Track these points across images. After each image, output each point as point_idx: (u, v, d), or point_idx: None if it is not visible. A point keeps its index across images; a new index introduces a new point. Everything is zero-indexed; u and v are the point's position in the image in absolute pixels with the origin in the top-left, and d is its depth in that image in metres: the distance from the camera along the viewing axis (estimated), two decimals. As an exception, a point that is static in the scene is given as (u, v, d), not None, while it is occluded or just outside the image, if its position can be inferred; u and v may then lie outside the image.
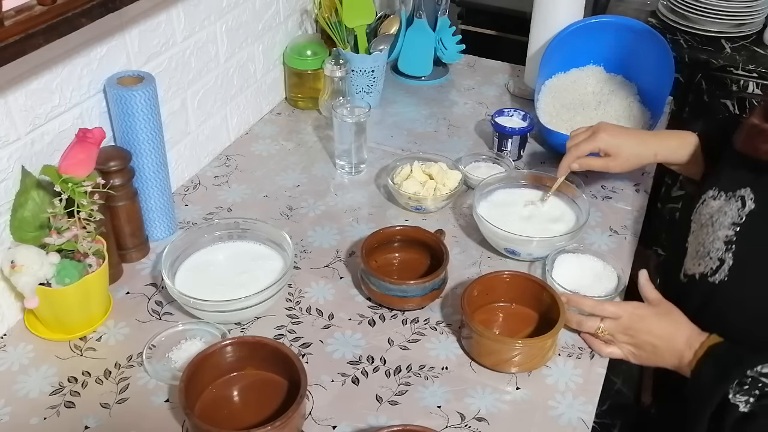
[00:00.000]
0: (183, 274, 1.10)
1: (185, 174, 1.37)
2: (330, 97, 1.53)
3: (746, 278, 0.94)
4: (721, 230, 0.98)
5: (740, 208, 0.96)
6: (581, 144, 1.21)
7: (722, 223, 0.98)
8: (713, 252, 0.98)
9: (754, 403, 0.86)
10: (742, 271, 0.95)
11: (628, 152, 1.19)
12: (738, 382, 0.87)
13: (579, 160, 1.21)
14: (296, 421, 0.88)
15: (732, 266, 0.95)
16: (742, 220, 0.96)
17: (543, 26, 1.59)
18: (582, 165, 1.22)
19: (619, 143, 1.18)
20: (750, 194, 0.96)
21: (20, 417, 0.93)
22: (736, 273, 0.95)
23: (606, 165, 1.20)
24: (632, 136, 1.20)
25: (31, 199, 0.99)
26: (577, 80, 1.56)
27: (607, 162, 1.20)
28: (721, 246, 0.97)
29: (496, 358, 1.00)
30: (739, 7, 1.99)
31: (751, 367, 0.87)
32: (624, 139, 1.19)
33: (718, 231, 0.98)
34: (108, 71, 1.11)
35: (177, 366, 0.99)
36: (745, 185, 0.97)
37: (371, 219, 1.30)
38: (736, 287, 0.95)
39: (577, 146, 1.21)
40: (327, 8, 1.54)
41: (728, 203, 0.99)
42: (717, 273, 0.97)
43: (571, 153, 1.22)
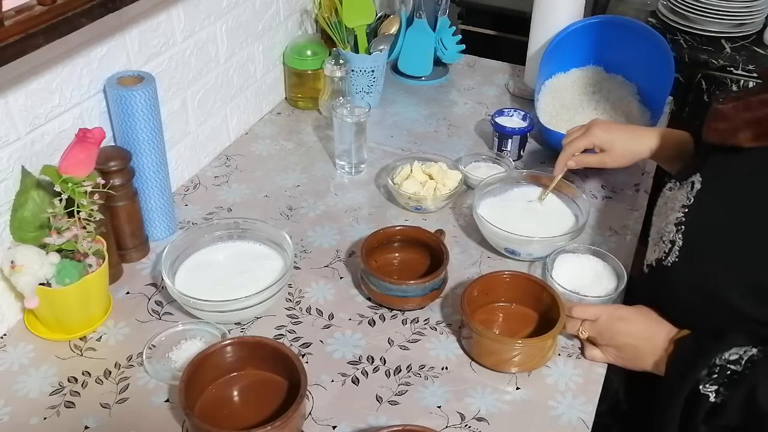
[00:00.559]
0: (183, 274, 1.10)
1: (185, 174, 1.37)
2: (330, 97, 1.53)
3: (695, 255, 0.94)
4: (672, 213, 0.99)
5: (689, 191, 0.97)
6: (575, 141, 1.21)
7: (673, 207, 0.99)
8: (665, 236, 0.99)
9: (723, 392, 0.85)
10: (690, 250, 0.94)
11: (621, 147, 1.19)
12: (707, 372, 0.87)
13: (574, 157, 1.22)
14: (296, 421, 0.88)
15: (682, 246, 0.95)
16: (691, 201, 0.96)
17: (543, 26, 1.59)
18: (578, 162, 1.23)
19: (612, 138, 1.19)
20: (699, 177, 0.97)
21: (20, 417, 0.93)
22: (686, 252, 0.95)
23: (601, 160, 1.21)
24: (626, 131, 1.21)
25: (31, 199, 0.99)
26: (577, 80, 1.56)
27: (602, 157, 1.20)
28: (672, 228, 0.97)
29: (496, 358, 1.00)
30: (739, 7, 1.99)
31: (717, 355, 0.87)
32: (617, 134, 1.19)
33: (670, 215, 0.99)
34: (108, 71, 1.11)
35: (177, 366, 0.99)
36: (695, 171, 0.98)
37: (371, 219, 1.30)
38: (686, 267, 0.95)
39: (571, 143, 1.22)
40: (327, 8, 1.54)
41: (681, 190, 1.00)
42: (669, 255, 0.97)
43: (566, 150, 1.22)
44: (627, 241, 1.26)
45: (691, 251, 0.94)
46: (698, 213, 0.95)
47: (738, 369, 0.85)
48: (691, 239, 0.95)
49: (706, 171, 0.97)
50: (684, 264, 0.95)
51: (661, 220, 1.02)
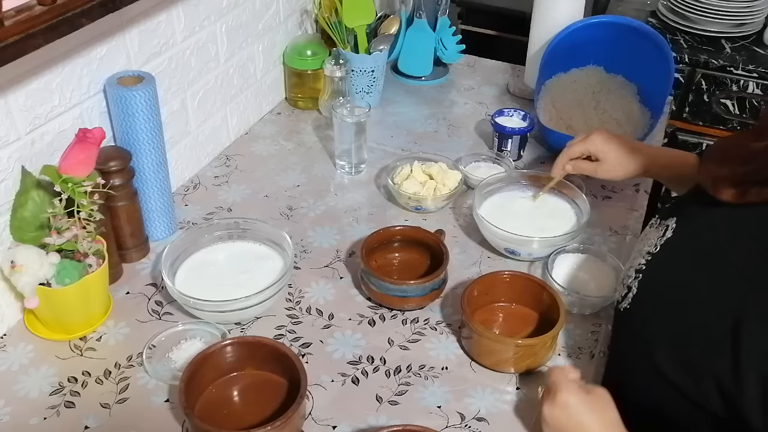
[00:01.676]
0: (183, 274, 1.10)
1: (185, 174, 1.37)
2: (330, 97, 1.53)
3: (643, 309, 0.88)
4: (637, 258, 0.94)
5: (659, 237, 0.91)
6: (574, 146, 1.21)
7: (641, 250, 0.94)
8: (626, 279, 0.94)
9: None
10: (640, 302, 0.89)
11: (614, 160, 1.17)
12: None
13: (571, 161, 1.22)
14: (296, 421, 0.88)
15: (635, 295, 0.90)
16: (656, 250, 0.91)
17: (543, 26, 1.59)
18: (575, 167, 1.22)
19: (607, 149, 1.17)
20: (673, 223, 0.91)
21: (20, 417, 0.93)
22: (636, 303, 0.90)
23: (594, 169, 1.20)
24: (623, 145, 1.17)
25: (31, 199, 0.99)
26: (577, 80, 1.56)
27: (595, 167, 1.19)
28: (633, 273, 0.92)
29: (496, 358, 1.00)
30: (739, 7, 1.99)
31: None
32: (614, 146, 1.17)
33: (635, 259, 0.94)
34: (108, 71, 1.11)
35: (177, 366, 0.99)
36: (673, 214, 0.92)
37: (371, 219, 1.30)
38: (631, 318, 0.90)
39: (569, 147, 1.22)
40: (327, 8, 1.54)
41: (655, 232, 0.94)
42: (623, 300, 0.92)
43: (564, 153, 1.22)
44: (627, 241, 1.26)
45: (642, 304, 0.89)
46: (658, 266, 0.89)
47: None
48: (646, 292, 0.89)
49: (681, 218, 0.91)
50: (635, 314, 0.90)
51: (630, 261, 0.97)
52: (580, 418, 0.84)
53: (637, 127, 1.47)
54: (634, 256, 0.95)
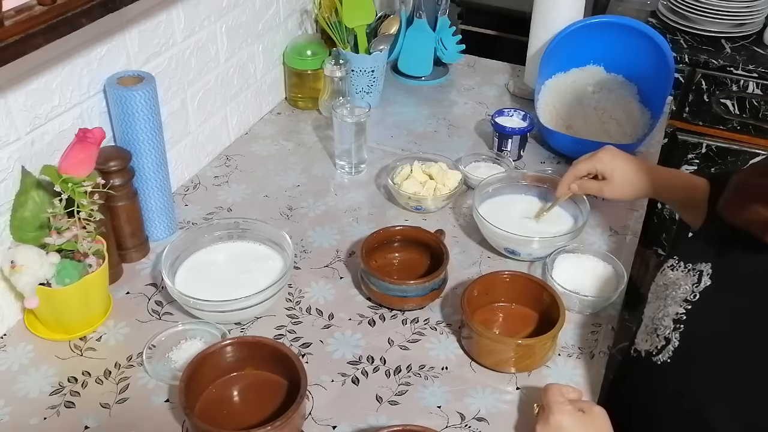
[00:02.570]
0: (183, 274, 1.10)
1: (185, 174, 1.37)
2: (330, 97, 1.53)
3: (689, 364, 0.84)
4: (672, 306, 0.88)
5: (696, 284, 0.86)
6: (580, 163, 1.17)
7: (674, 297, 0.88)
8: (661, 329, 0.88)
9: None
10: (685, 356, 0.84)
11: (621, 178, 1.12)
12: None
13: (578, 181, 1.17)
14: (296, 421, 0.88)
15: (677, 348, 0.85)
16: (695, 298, 0.85)
17: (543, 26, 1.59)
18: (580, 187, 1.18)
19: (614, 167, 1.12)
20: (708, 270, 0.86)
21: (20, 417, 0.93)
22: (679, 356, 0.85)
23: (600, 189, 1.15)
24: (631, 164, 1.13)
25: (31, 199, 0.99)
26: (577, 80, 1.56)
27: (602, 186, 1.14)
28: (670, 323, 0.87)
29: (496, 358, 1.00)
30: (739, 7, 1.99)
31: None
32: (621, 164, 1.12)
33: (669, 306, 0.88)
34: (108, 71, 1.11)
35: (177, 366, 0.99)
36: (707, 260, 0.87)
37: (371, 219, 1.30)
38: (677, 372, 0.85)
39: (576, 165, 1.17)
40: (327, 8, 1.54)
41: (686, 276, 0.88)
42: (661, 353, 0.87)
43: (570, 172, 1.18)
44: (627, 241, 1.26)
45: (686, 358, 0.84)
46: (702, 317, 0.84)
47: None
48: (689, 345, 0.84)
49: (718, 264, 0.85)
50: (675, 369, 0.85)
51: (658, 307, 0.91)
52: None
53: (637, 127, 1.47)
54: (667, 303, 0.89)
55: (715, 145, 2.03)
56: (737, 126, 1.99)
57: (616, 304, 1.12)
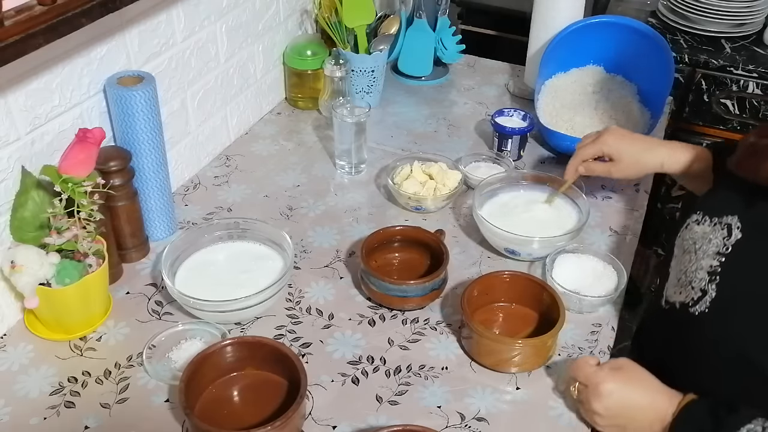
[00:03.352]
0: (183, 274, 1.10)
1: (185, 174, 1.37)
2: (330, 97, 1.53)
3: (728, 312, 0.89)
4: (705, 259, 0.92)
5: (726, 237, 0.91)
6: (586, 147, 1.19)
7: (706, 251, 0.93)
8: (696, 281, 0.93)
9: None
10: (724, 305, 0.89)
11: (630, 158, 1.15)
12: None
13: (584, 164, 1.20)
14: (296, 421, 0.88)
15: (714, 298, 0.90)
16: (728, 251, 0.90)
17: (543, 26, 1.59)
18: (587, 169, 1.20)
19: (622, 148, 1.15)
20: (737, 223, 0.91)
21: (20, 417, 0.93)
22: (718, 306, 0.89)
23: (608, 170, 1.18)
24: (638, 142, 1.16)
25: (31, 199, 0.99)
26: (577, 80, 1.56)
27: (609, 167, 1.17)
28: (705, 276, 0.91)
29: (496, 358, 1.00)
30: (739, 7, 1.99)
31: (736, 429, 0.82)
32: (629, 144, 1.16)
33: (702, 260, 0.93)
34: (108, 71, 1.11)
35: (177, 366, 0.99)
36: (733, 213, 0.92)
37: (371, 219, 1.30)
38: (716, 321, 0.90)
39: (581, 149, 1.20)
40: (327, 8, 1.54)
41: (713, 230, 0.93)
42: (698, 304, 0.91)
43: (576, 156, 1.21)
44: (627, 241, 1.26)
45: (725, 306, 0.89)
46: (737, 267, 0.89)
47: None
48: (727, 294, 0.89)
49: (746, 217, 0.90)
50: (715, 317, 0.90)
51: (689, 260, 0.96)
52: (629, 397, 0.89)
53: (637, 127, 1.47)
54: (699, 257, 0.93)
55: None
56: (737, 126, 1.99)
57: (616, 304, 1.12)
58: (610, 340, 1.07)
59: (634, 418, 0.89)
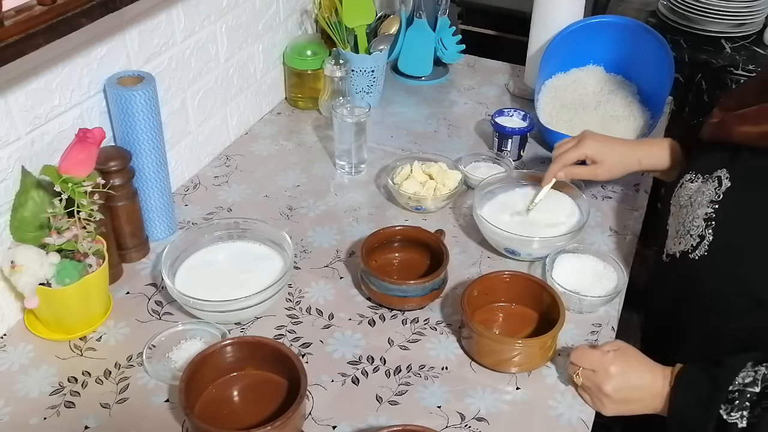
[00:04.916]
0: (183, 274, 1.10)
1: (185, 174, 1.37)
2: (330, 97, 1.53)
3: (726, 252, 0.95)
4: (700, 208, 0.99)
5: (717, 187, 0.98)
6: (567, 152, 1.20)
7: (701, 202, 0.99)
8: (693, 230, 0.99)
9: (749, 416, 0.85)
10: (722, 246, 0.95)
11: (613, 159, 1.19)
12: (726, 400, 0.86)
13: (565, 169, 1.21)
14: (296, 421, 0.88)
15: (712, 241, 0.96)
16: (720, 198, 0.97)
17: (543, 26, 1.59)
18: (568, 174, 1.21)
19: (604, 150, 1.19)
20: (725, 173, 0.98)
21: (20, 417, 0.93)
22: (716, 248, 0.95)
23: (593, 172, 1.20)
24: (616, 144, 1.21)
25: (31, 199, 0.99)
26: (577, 80, 1.56)
27: (594, 169, 1.20)
28: (701, 223, 0.98)
29: (496, 358, 1.00)
30: (739, 7, 1.99)
31: (730, 382, 0.86)
32: (609, 146, 1.20)
33: (698, 209, 0.99)
34: (108, 71, 1.11)
35: (177, 366, 0.99)
36: (721, 166, 0.99)
37: (371, 219, 1.30)
38: (716, 262, 0.95)
39: (563, 155, 1.20)
40: (327, 8, 1.54)
41: (705, 184, 1.00)
42: (697, 249, 0.97)
43: (557, 162, 1.21)
44: (627, 241, 1.26)
45: (722, 247, 0.95)
46: (730, 210, 0.95)
47: (757, 390, 0.85)
48: (723, 235, 0.95)
49: (734, 168, 0.97)
50: (714, 259, 0.96)
51: (686, 213, 1.02)
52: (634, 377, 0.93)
53: (637, 128, 1.47)
54: (694, 208, 1.00)
55: (715, 145, 2.03)
56: (737, 126, 1.99)
57: (616, 304, 1.12)
58: (610, 339, 1.07)
59: (638, 397, 0.93)
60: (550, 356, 1.02)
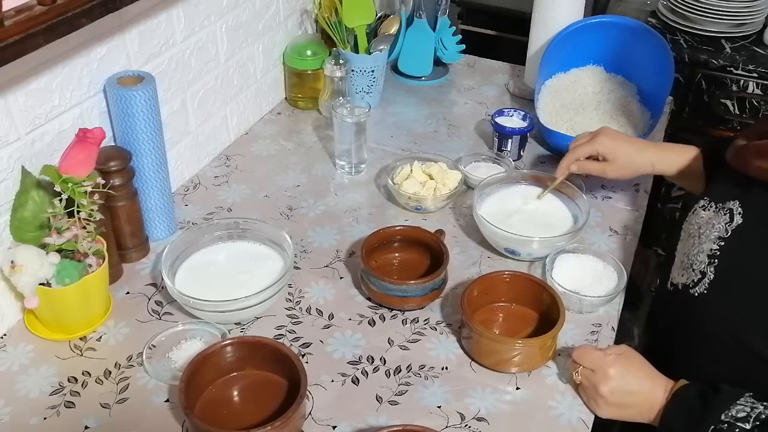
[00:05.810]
0: (183, 274, 1.10)
1: (185, 174, 1.37)
2: (330, 97, 1.53)
3: (724, 294, 0.93)
4: (706, 243, 0.97)
5: (728, 222, 0.96)
6: (581, 146, 1.22)
7: (708, 235, 0.97)
8: (696, 264, 0.97)
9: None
10: (721, 287, 0.93)
11: (624, 158, 1.19)
12: (714, 429, 0.85)
13: (578, 162, 1.22)
14: (296, 421, 0.88)
15: (712, 280, 0.94)
16: (728, 235, 0.95)
17: (543, 26, 1.59)
18: (580, 168, 1.23)
19: (616, 148, 1.19)
20: (738, 208, 0.95)
21: (20, 417, 0.93)
22: (716, 288, 0.94)
23: (602, 169, 1.21)
24: (631, 144, 1.20)
25: (31, 199, 0.99)
26: (577, 80, 1.56)
27: (604, 167, 1.21)
28: (705, 259, 0.96)
29: (496, 358, 1.00)
30: (739, 7, 1.99)
31: (724, 411, 0.85)
32: (622, 145, 1.19)
33: (704, 243, 0.97)
34: (108, 71, 1.11)
35: (177, 366, 0.99)
36: (734, 198, 0.97)
37: (371, 219, 1.30)
38: (712, 302, 0.94)
39: (576, 148, 1.22)
40: (327, 8, 1.54)
41: (717, 215, 0.98)
42: (698, 285, 0.96)
43: (570, 154, 1.23)
44: (627, 241, 1.26)
45: (721, 288, 0.94)
46: (735, 252, 0.94)
47: (747, 427, 0.84)
48: (724, 276, 0.94)
49: (746, 203, 0.95)
50: (712, 298, 0.94)
51: (692, 244, 1.00)
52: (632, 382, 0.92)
53: (637, 128, 1.47)
54: (701, 241, 0.98)
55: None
56: (737, 126, 1.99)
57: (616, 304, 1.12)
58: (610, 340, 1.07)
59: (634, 403, 0.93)
60: (550, 356, 1.02)
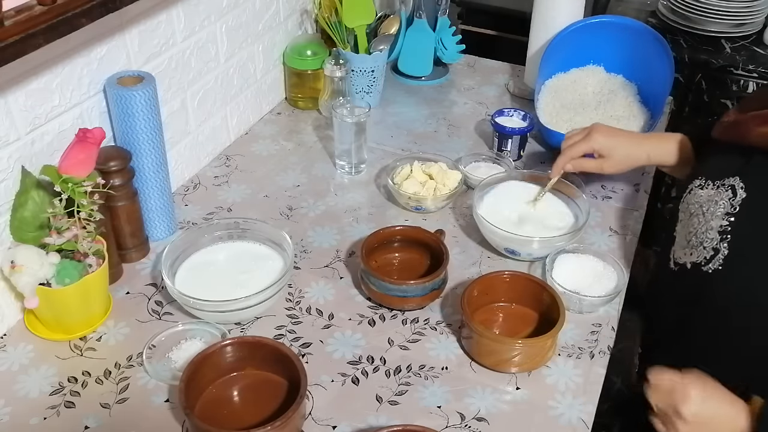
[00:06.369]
0: (183, 274, 1.10)
1: (185, 174, 1.37)
2: (330, 97, 1.53)
3: (743, 267, 0.94)
4: (714, 220, 0.97)
5: (732, 198, 0.96)
6: (576, 145, 1.21)
7: (714, 212, 0.98)
8: (707, 242, 0.98)
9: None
10: (738, 260, 0.94)
11: (621, 153, 1.19)
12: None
13: (573, 161, 1.22)
14: (296, 421, 0.88)
15: (727, 256, 0.95)
16: (736, 210, 0.95)
17: (543, 26, 1.59)
18: (575, 166, 1.22)
19: (612, 144, 1.19)
20: (739, 183, 0.96)
21: (20, 417, 0.93)
22: (732, 262, 0.94)
23: (600, 166, 1.21)
24: (625, 138, 1.21)
25: (31, 199, 0.99)
26: (577, 80, 1.56)
27: (601, 163, 1.21)
28: (715, 236, 0.96)
29: (496, 358, 1.00)
30: (739, 7, 1.99)
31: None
32: (618, 140, 1.20)
33: (711, 221, 0.98)
34: (108, 71, 1.11)
35: (177, 366, 0.99)
36: (733, 174, 0.97)
37: (371, 219, 1.30)
38: (733, 277, 0.94)
39: (571, 147, 1.22)
40: (327, 8, 1.54)
41: (718, 192, 0.98)
42: (711, 262, 0.96)
43: (565, 154, 1.22)
44: (627, 241, 1.26)
45: (738, 262, 0.94)
46: (747, 224, 0.94)
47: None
48: (740, 250, 0.94)
49: (749, 177, 0.96)
50: (728, 273, 0.94)
51: (698, 222, 1.00)
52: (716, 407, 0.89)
53: (638, 128, 1.47)
54: (707, 219, 0.98)
55: (715, 145, 2.03)
56: (737, 126, 1.99)
57: (616, 304, 1.12)
58: (610, 340, 1.07)
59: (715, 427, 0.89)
60: (550, 356, 1.02)
